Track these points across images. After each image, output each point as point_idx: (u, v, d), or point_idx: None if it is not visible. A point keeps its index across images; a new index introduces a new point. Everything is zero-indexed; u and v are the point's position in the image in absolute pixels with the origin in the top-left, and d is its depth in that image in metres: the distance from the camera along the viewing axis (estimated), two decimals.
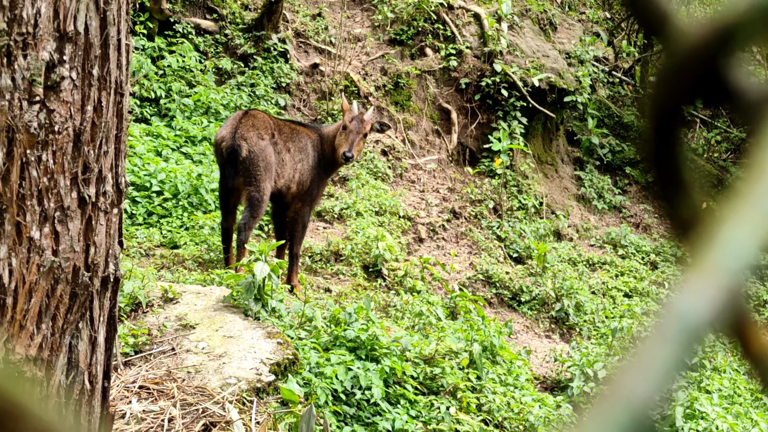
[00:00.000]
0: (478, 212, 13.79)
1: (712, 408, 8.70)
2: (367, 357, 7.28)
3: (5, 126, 2.52)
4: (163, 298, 7.38)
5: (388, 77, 15.29)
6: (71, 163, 2.64)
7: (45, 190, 2.59)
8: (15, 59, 2.52)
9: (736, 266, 0.63)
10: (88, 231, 2.70)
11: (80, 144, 2.65)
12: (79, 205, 2.67)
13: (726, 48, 0.68)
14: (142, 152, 11.23)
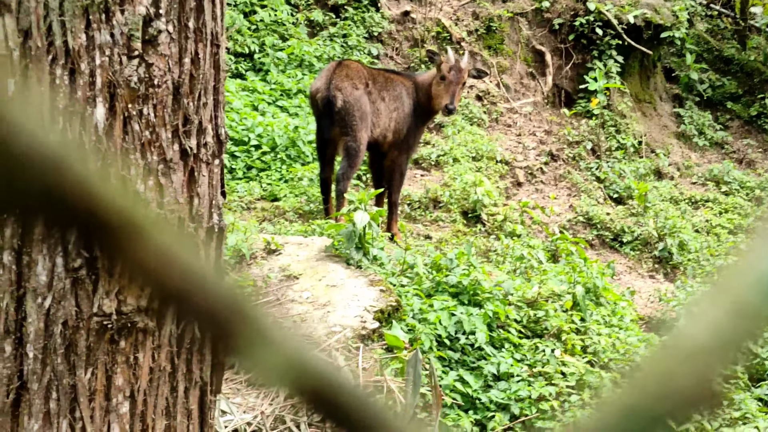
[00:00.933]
0: (576, 154, 13.63)
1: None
2: (470, 302, 7.28)
3: (106, 81, 2.56)
4: (266, 250, 7.47)
5: (480, 21, 15.14)
6: (171, 116, 2.67)
7: (147, 144, 2.62)
8: (113, 15, 2.55)
9: None
10: (191, 182, 2.73)
11: (179, 96, 2.68)
12: (181, 157, 2.70)
13: None
14: (238, 107, 11.33)
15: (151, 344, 2.68)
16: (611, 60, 14.95)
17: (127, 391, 2.65)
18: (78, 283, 2.57)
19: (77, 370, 2.59)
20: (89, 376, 2.60)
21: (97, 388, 2.61)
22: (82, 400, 2.60)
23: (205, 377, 2.86)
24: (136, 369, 2.66)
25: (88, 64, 2.55)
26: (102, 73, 2.55)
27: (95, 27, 2.54)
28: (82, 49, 2.54)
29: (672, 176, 14.37)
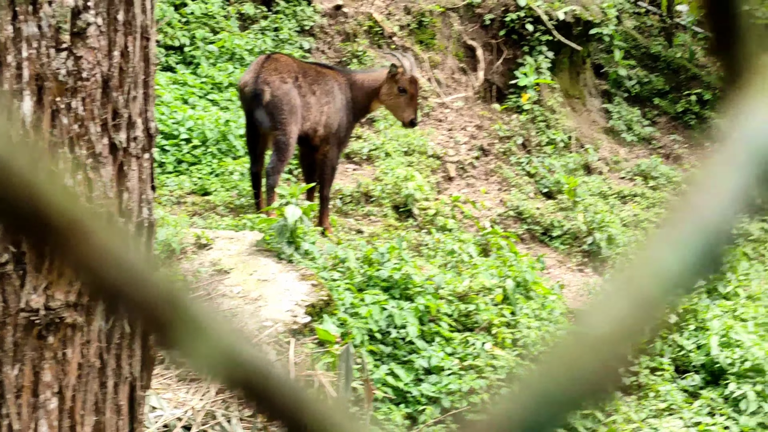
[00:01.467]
0: (507, 149, 13.73)
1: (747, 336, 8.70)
2: (401, 296, 7.31)
3: (34, 74, 2.53)
4: (197, 245, 7.43)
5: (412, 16, 15.17)
6: (101, 110, 2.65)
7: (76, 137, 2.60)
8: (40, 7, 2.52)
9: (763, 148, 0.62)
10: (120, 177, 2.72)
11: (109, 90, 2.66)
12: (111, 151, 2.68)
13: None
14: (168, 100, 11.23)
15: (79, 340, 2.66)
16: (541, 56, 15.06)
17: (55, 387, 2.63)
18: (4, 278, 2.54)
19: (4, 366, 2.56)
20: (16, 372, 2.57)
21: (25, 384, 2.59)
22: (9, 397, 2.57)
23: (134, 373, 2.84)
24: (64, 365, 2.63)
25: (14, 57, 2.52)
26: (29, 66, 2.52)
27: (22, 19, 2.51)
28: (9, 42, 2.51)
29: (601, 171, 14.53)
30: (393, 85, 9.54)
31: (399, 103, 9.60)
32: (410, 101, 9.55)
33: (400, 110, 9.65)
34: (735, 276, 10.45)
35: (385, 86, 9.58)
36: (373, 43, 14.50)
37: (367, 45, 14.34)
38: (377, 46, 14.53)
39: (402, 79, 9.51)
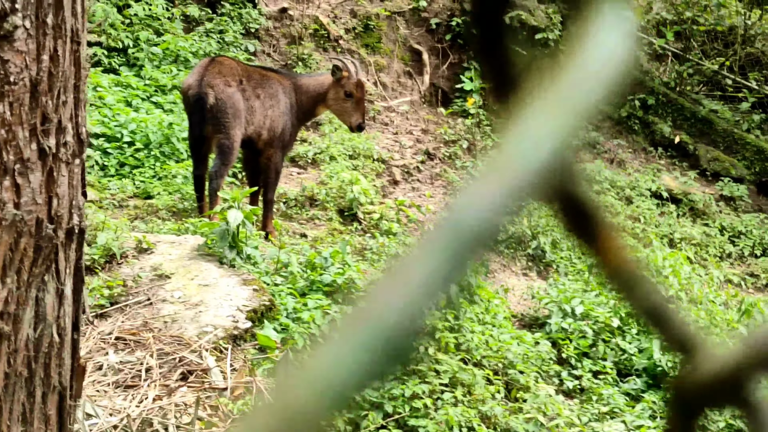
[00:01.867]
0: (452, 153, 13.76)
1: None
2: (344, 301, 7.29)
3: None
4: (138, 249, 7.36)
5: (358, 19, 15.17)
6: (29, 114, 2.60)
7: (3, 143, 2.55)
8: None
9: (532, 164, 0.59)
10: (49, 183, 2.67)
11: (37, 94, 2.61)
12: (40, 157, 2.63)
13: None
14: (111, 103, 11.12)
15: (7, 349, 2.60)
16: None
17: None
18: None
19: None
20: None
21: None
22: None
23: (64, 382, 2.79)
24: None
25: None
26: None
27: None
28: None
29: None
30: (339, 90, 9.53)
31: (346, 107, 9.59)
32: (357, 105, 9.55)
33: (347, 115, 9.64)
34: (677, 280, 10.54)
35: (332, 91, 9.57)
36: (318, 46, 14.49)
37: (313, 48, 14.32)
38: (323, 50, 14.51)
39: (348, 83, 9.50)
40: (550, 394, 7.48)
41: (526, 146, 0.59)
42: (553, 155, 0.58)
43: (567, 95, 0.61)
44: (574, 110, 0.60)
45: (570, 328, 8.92)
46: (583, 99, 0.61)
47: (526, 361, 7.90)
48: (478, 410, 6.94)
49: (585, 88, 0.61)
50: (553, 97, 0.60)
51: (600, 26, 0.64)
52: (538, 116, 0.59)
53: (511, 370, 7.67)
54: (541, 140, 0.59)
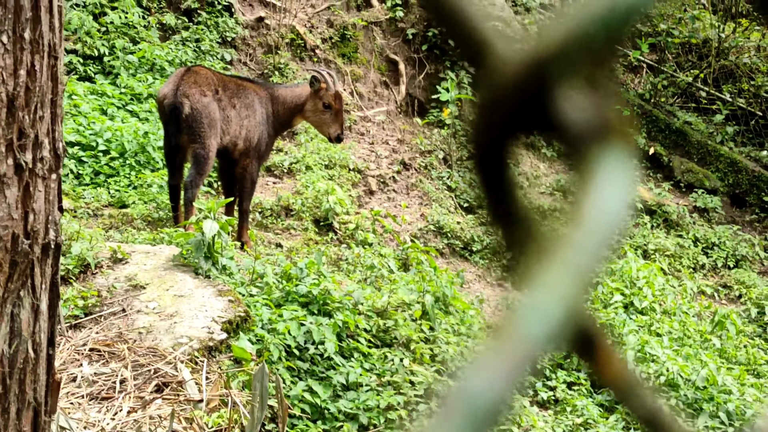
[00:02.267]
0: (428, 163, 13.78)
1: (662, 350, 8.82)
2: (320, 312, 7.29)
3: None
4: (112, 259, 7.33)
5: (335, 29, 15.18)
6: (6, 129, 2.59)
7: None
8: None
9: (538, 335, 0.61)
10: (26, 198, 2.66)
11: (14, 109, 2.60)
12: (16, 172, 2.62)
13: (545, 80, 0.66)
14: (86, 111, 11.07)
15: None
16: (463, 71, 15.16)
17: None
18: None
19: None
20: None
21: None
22: None
23: (39, 398, 2.78)
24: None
25: None
26: None
27: None
28: None
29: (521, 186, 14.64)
30: (317, 101, 9.56)
31: (324, 118, 9.63)
32: (336, 117, 9.58)
33: (325, 126, 9.67)
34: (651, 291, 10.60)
35: (309, 102, 9.60)
36: (295, 55, 14.48)
37: (290, 57, 14.32)
38: (299, 59, 14.51)
39: (326, 94, 9.53)
40: (525, 405, 7.51)
41: (533, 319, 0.60)
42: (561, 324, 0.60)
43: (572, 258, 0.62)
44: (579, 274, 0.62)
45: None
46: (587, 261, 0.62)
47: None
48: None
49: (589, 250, 0.63)
50: (559, 262, 0.62)
51: (602, 178, 0.66)
52: (544, 285, 0.61)
53: None
54: (548, 310, 0.60)
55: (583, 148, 0.67)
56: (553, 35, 0.65)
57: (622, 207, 0.65)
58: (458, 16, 0.69)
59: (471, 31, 0.69)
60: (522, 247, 0.67)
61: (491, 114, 0.68)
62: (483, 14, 0.69)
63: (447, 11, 0.69)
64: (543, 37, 0.65)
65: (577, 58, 0.65)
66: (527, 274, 0.63)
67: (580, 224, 0.64)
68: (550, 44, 0.65)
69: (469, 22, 0.69)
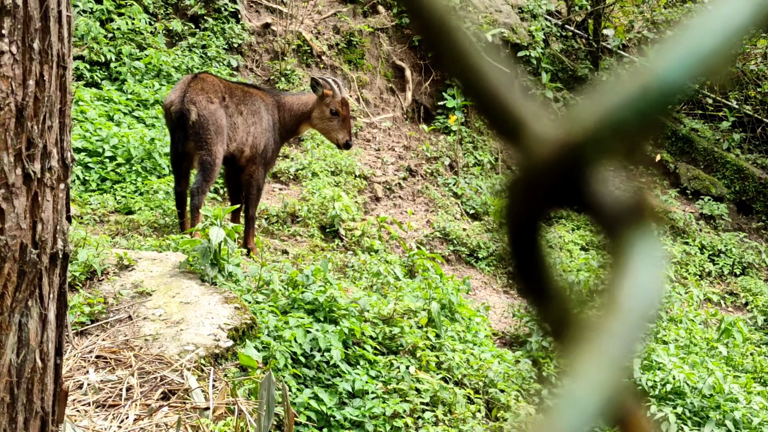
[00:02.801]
0: (434, 169, 13.78)
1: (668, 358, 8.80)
2: (326, 319, 7.28)
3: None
4: (119, 266, 7.33)
5: (341, 36, 15.19)
6: (14, 139, 2.59)
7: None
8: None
9: (577, 427, 0.61)
10: (34, 208, 2.66)
11: (23, 119, 2.61)
12: (24, 182, 2.63)
13: (579, 161, 0.66)
14: (93, 117, 11.09)
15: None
16: None
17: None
18: None
19: None
20: None
21: None
22: None
23: (46, 407, 2.78)
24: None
25: None
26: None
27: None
28: None
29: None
30: (324, 109, 9.57)
31: (332, 125, 9.64)
32: (344, 123, 9.60)
33: (334, 133, 9.68)
34: None
35: (317, 110, 9.61)
36: (301, 62, 14.49)
37: (296, 64, 14.33)
38: (306, 65, 14.52)
39: (333, 101, 9.55)
40: (531, 413, 7.49)
41: (572, 411, 0.61)
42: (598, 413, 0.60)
43: (608, 347, 0.63)
44: (615, 362, 0.62)
45: (550, 346, 8.94)
46: (623, 349, 0.63)
47: (507, 380, 7.91)
48: (459, 429, 6.95)
49: (625, 338, 0.63)
50: (595, 350, 0.62)
51: (636, 261, 0.66)
52: (582, 374, 0.61)
53: (492, 388, 7.68)
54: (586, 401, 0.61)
55: (616, 228, 0.67)
56: (588, 118, 0.65)
57: (656, 292, 0.65)
58: (495, 97, 0.70)
59: (507, 111, 0.69)
60: (557, 325, 0.67)
61: (525, 192, 0.69)
62: (519, 93, 0.70)
63: (484, 91, 0.70)
64: (577, 119, 0.66)
65: (611, 141, 0.66)
66: (564, 358, 0.63)
67: (616, 311, 0.64)
68: (584, 126, 0.65)
69: (506, 102, 0.69)
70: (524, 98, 0.70)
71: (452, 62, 0.72)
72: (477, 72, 0.71)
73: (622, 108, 0.66)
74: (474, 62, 0.71)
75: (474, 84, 0.71)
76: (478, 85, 0.71)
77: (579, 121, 0.66)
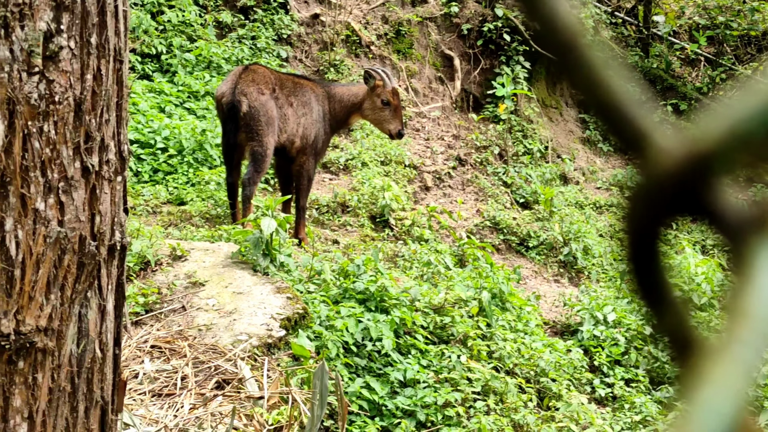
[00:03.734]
0: (484, 158, 13.76)
1: None
2: (377, 308, 7.30)
3: (6, 98, 2.51)
4: (172, 256, 7.40)
5: (390, 25, 15.19)
6: (73, 133, 2.63)
7: (48, 161, 2.58)
8: (12, 30, 2.50)
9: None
10: (92, 200, 2.70)
11: (81, 113, 2.64)
12: (83, 175, 2.67)
13: (704, 173, 0.67)
14: (145, 109, 11.20)
15: (50, 364, 2.64)
16: (518, 66, 15.12)
17: (25, 412, 2.61)
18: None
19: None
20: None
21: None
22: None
23: (106, 396, 2.82)
24: (34, 389, 2.62)
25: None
26: (1, 90, 2.50)
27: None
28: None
29: (577, 181, 14.58)
30: (375, 99, 9.63)
31: (384, 115, 9.70)
32: (395, 113, 9.67)
33: (386, 123, 9.75)
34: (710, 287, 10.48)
35: (368, 101, 9.66)
36: (350, 52, 14.52)
37: (345, 54, 14.36)
38: (355, 56, 14.54)
39: (384, 92, 9.60)
40: (583, 402, 7.47)
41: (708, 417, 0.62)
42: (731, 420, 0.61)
43: (738, 354, 0.63)
44: (747, 369, 0.63)
45: (602, 335, 8.90)
46: (753, 356, 0.64)
47: (558, 369, 7.89)
48: (510, 419, 6.94)
49: (754, 345, 0.64)
50: (726, 357, 0.63)
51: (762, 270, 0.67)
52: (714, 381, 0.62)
53: (544, 378, 7.66)
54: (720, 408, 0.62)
55: (739, 237, 0.68)
56: (714, 130, 0.67)
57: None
58: (619, 108, 0.71)
59: (631, 122, 0.71)
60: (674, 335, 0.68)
61: (647, 202, 0.70)
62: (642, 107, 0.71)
63: (609, 104, 0.71)
64: (703, 132, 0.67)
65: (738, 153, 0.67)
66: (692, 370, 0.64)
67: (743, 319, 0.65)
68: (710, 139, 0.66)
69: (630, 113, 0.70)
70: (647, 111, 0.71)
71: (579, 76, 0.74)
72: (602, 86, 0.73)
73: (750, 120, 0.67)
74: (600, 76, 0.73)
75: (599, 97, 0.73)
76: (603, 98, 0.73)
77: (705, 133, 0.67)
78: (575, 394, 7.59)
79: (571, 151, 15.33)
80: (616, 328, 8.98)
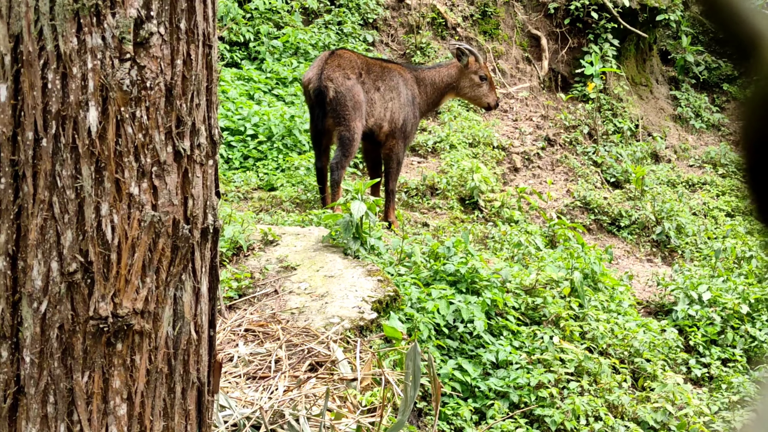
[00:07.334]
0: (573, 138, 13.62)
1: None
2: (468, 290, 7.29)
3: (99, 85, 2.55)
4: (264, 241, 7.47)
5: (475, 6, 15.11)
6: (165, 118, 2.67)
7: (141, 146, 2.62)
8: (104, 18, 2.55)
9: None
10: (185, 184, 2.73)
11: (172, 98, 2.68)
12: (175, 159, 2.70)
13: None
14: (234, 97, 11.31)
15: (147, 346, 2.69)
16: (607, 44, 14.93)
17: (124, 393, 2.66)
18: (73, 287, 2.58)
19: (74, 374, 2.60)
20: (86, 380, 2.61)
21: (95, 391, 2.62)
22: (80, 404, 2.61)
23: (202, 378, 2.86)
24: (133, 371, 2.67)
25: (80, 68, 2.55)
26: (94, 77, 2.55)
27: (86, 30, 2.54)
28: (74, 53, 2.54)
29: (669, 159, 14.36)
30: (473, 76, 9.91)
31: (483, 91, 10.05)
32: (491, 86, 10.05)
33: (485, 98, 10.09)
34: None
35: (464, 79, 9.86)
36: (436, 34, 14.48)
37: (431, 37, 14.32)
38: (440, 38, 14.50)
39: (480, 67, 9.80)
40: (678, 382, 7.36)
41: None
42: None
43: None
44: None
45: (697, 315, 8.76)
46: None
47: (653, 350, 7.79)
48: (604, 399, 6.88)
49: None
50: None
51: None
52: None
53: (638, 358, 7.58)
54: None
55: None
56: None
57: None
58: (729, 10, 0.69)
59: (743, 24, 0.68)
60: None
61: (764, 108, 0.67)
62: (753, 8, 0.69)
63: (719, 6, 0.69)
64: None
65: None
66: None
67: None
68: None
69: (741, 15, 0.68)
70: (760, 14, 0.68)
71: None
72: None
73: None
74: None
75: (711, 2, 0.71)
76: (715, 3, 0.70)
77: None
78: (670, 375, 7.49)
79: (663, 129, 15.09)
80: (712, 307, 8.83)
